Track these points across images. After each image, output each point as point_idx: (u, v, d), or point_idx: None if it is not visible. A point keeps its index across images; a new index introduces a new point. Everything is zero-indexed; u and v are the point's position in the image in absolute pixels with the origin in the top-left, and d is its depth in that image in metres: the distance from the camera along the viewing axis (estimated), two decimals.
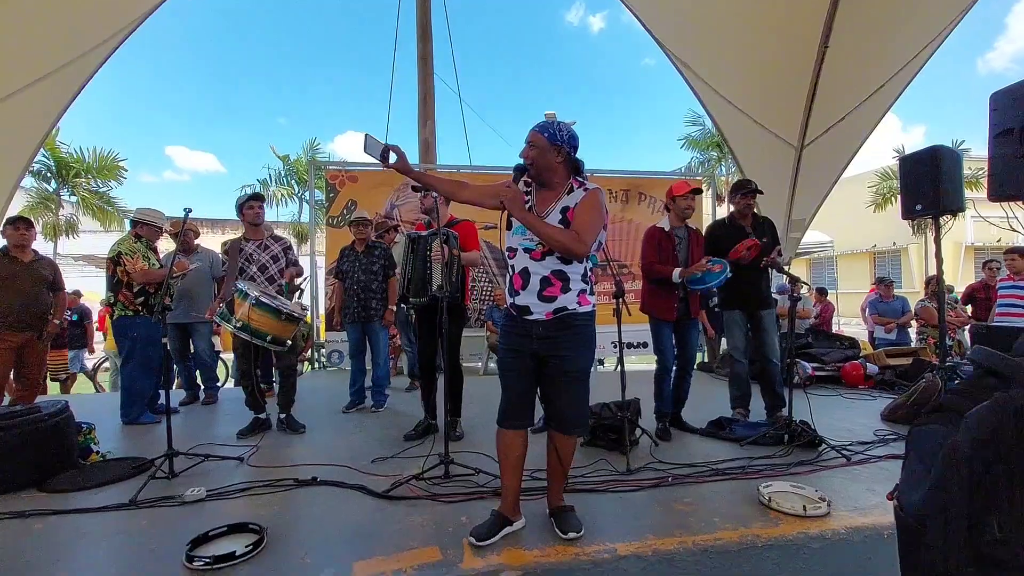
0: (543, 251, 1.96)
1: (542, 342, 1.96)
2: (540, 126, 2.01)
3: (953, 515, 0.67)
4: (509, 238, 2.05)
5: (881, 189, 15.00)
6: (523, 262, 1.99)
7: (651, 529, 2.05)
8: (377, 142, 2.03)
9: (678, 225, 3.47)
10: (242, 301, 3.20)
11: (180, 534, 2.00)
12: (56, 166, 12.42)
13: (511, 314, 2.05)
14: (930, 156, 3.50)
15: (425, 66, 8.03)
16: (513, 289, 2.02)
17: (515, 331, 2.02)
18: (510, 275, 2.04)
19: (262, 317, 3.17)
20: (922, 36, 5.34)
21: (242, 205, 3.74)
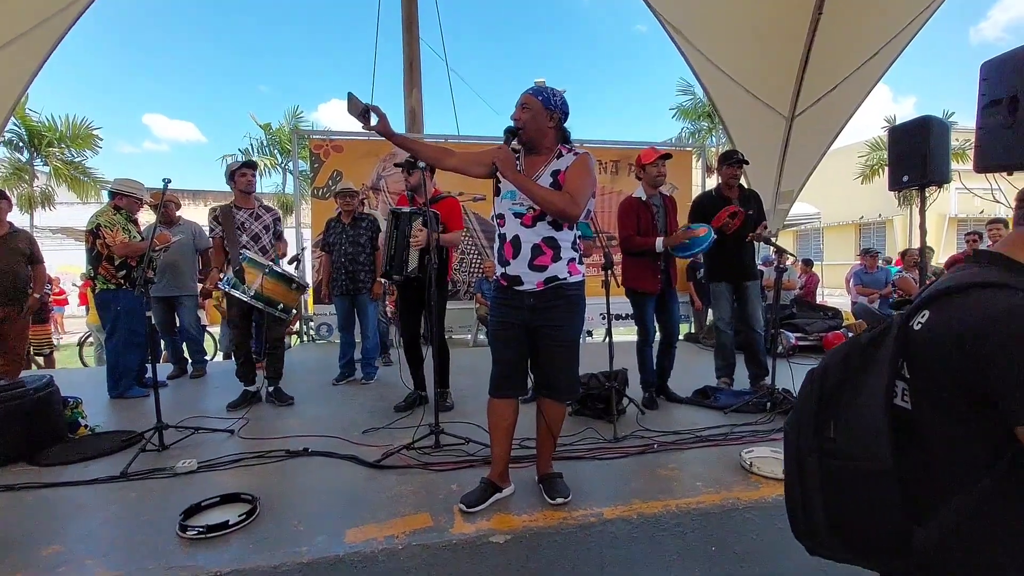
0: (534, 216, 1.94)
1: (534, 313, 1.97)
2: (534, 90, 1.98)
3: (803, 422, 0.89)
4: (498, 204, 2.02)
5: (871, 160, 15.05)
6: (514, 229, 1.96)
7: (636, 494, 2.11)
8: (359, 102, 1.95)
9: (652, 193, 3.41)
10: (253, 270, 3.19)
11: (173, 505, 2.02)
12: (28, 135, 11.98)
13: (501, 285, 2.04)
14: (919, 126, 3.47)
15: (411, 30, 7.77)
16: (503, 258, 2.00)
17: (506, 302, 2.02)
18: (500, 244, 2.02)
19: (275, 286, 3.24)
20: (916, 3, 5.26)
21: (234, 172, 3.67)
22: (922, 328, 0.79)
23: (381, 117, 1.97)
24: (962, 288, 0.78)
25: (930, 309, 0.79)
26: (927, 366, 0.78)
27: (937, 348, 0.76)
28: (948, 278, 0.84)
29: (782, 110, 6.25)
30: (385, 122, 1.98)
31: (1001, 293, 0.73)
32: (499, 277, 2.05)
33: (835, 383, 0.88)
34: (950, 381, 0.74)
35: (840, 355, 0.90)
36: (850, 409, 0.84)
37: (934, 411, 0.77)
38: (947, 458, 0.76)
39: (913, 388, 0.80)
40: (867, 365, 0.84)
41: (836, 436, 0.84)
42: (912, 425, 0.79)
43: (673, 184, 7.28)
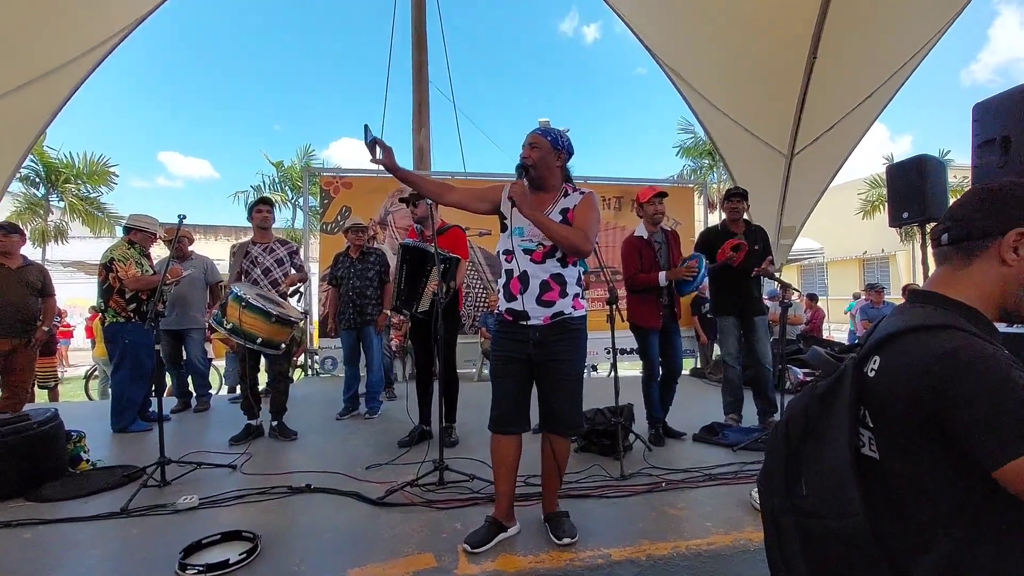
0: (544, 252, 1.98)
1: (539, 347, 1.98)
2: (543, 130, 2.06)
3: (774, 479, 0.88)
4: (504, 240, 2.05)
5: (870, 196, 15.22)
6: (523, 264, 1.98)
7: (645, 534, 2.06)
8: (370, 133, 1.99)
9: (653, 230, 3.47)
10: (234, 303, 3.20)
11: (173, 542, 1.98)
12: (45, 171, 12.32)
13: (505, 320, 2.05)
14: (916, 165, 3.56)
15: (420, 74, 8.07)
16: (510, 293, 2.01)
17: (510, 336, 2.03)
18: (506, 279, 2.04)
19: (252, 319, 3.18)
20: (908, 47, 5.46)
21: (251, 209, 3.80)
22: (876, 375, 0.78)
23: (387, 151, 1.97)
24: (905, 332, 0.77)
25: (880, 355, 0.79)
26: (886, 414, 0.76)
27: (891, 396, 0.75)
28: (892, 320, 0.83)
29: (781, 148, 6.40)
30: (390, 156, 1.98)
31: (942, 335, 0.73)
32: (503, 312, 2.05)
33: (799, 436, 0.86)
34: (910, 428, 0.73)
35: (801, 406, 0.88)
36: (816, 463, 0.82)
37: (900, 460, 0.75)
38: (920, 508, 0.73)
39: (878, 437, 0.78)
40: (826, 415, 0.82)
41: (808, 493, 0.82)
42: (882, 475, 0.77)
43: (676, 220, 7.38)
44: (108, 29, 5.44)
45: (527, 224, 1.97)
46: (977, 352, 0.69)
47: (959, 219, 0.84)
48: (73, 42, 5.23)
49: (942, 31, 5.33)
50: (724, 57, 6.22)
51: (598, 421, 3.12)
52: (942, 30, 5.31)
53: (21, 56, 4.92)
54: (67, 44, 5.20)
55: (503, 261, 2.06)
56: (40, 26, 4.86)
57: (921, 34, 5.37)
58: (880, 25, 5.25)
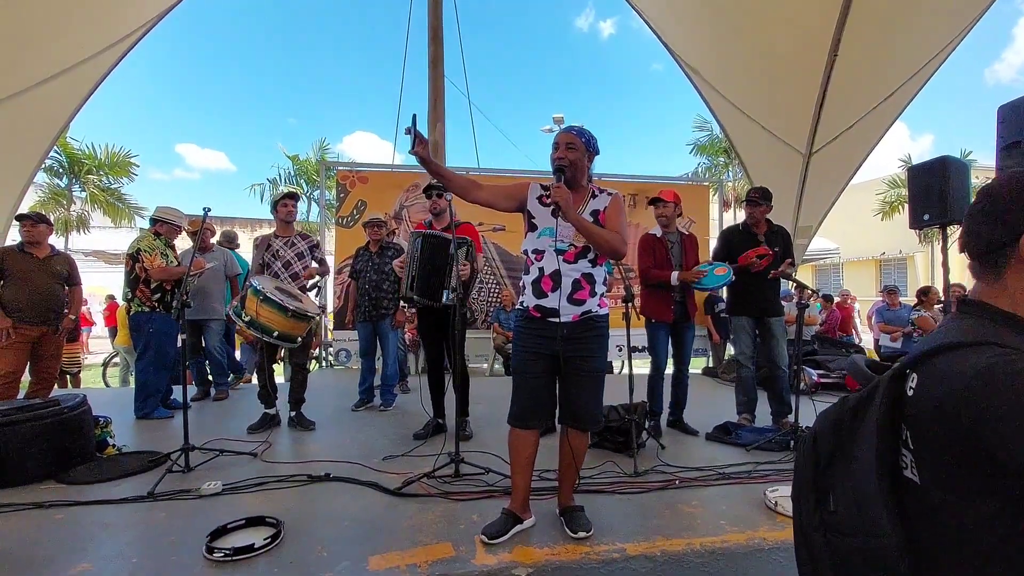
0: (576, 252, 2.02)
1: (567, 343, 2.01)
2: (576, 130, 2.08)
3: (804, 494, 0.86)
4: (534, 240, 2.07)
5: (889, 197, 14.97)
6: (554, 264, 2.01)
7: (659, 530, 2.09)
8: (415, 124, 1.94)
9: (669, 231, 3.61)
10: (253, 297, 3.27)
11: (198, 526, 2.05)
12: (68, 162, 12.55)
13: (532, 316, 2.05)
14: (939, 166, 3.51)
15: (436, 69, 8.08)
16: (541, 291, 2.02)
17: (537, 332, 2.05)
18: (535, 277, 2.05)
19: (269, 313, 3.25)
20: (931, 46, 5.35)
21: (276, 202, 3.86)
22: (914, 394, 0.74)
23: (423, 143, 1.93)
24: (942, 349, 0.73)
25: (918, 373, 0.75)
26: (925, 437, 0.73)
27: (928, 418, 0.71)
28: (934, 335, 0.80)
29: (799, 147, 6.33)
30: (425, 148, 1.94)
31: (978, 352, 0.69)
32: (531, 308, 2.06)
33: (828, 451, 0.84)
34: (948, 455, 0.69)
35: (830, 420, 0.86)
36: (847, 480, 0.80)
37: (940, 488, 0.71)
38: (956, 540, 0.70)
39: (917, 460, 0.74)
40: (856, 431, 0.80)
41: (836, 509, 0.81)
42: (922, 501, 0.73)
43: (691, 218, 7.34)
44: (131, 23, 5.53)
45: (557, 224, 1.99)
46: (1014, 368, 0.65)
47: (971, 232, 0.81)
48: (98, 36, 5.33)
49: (966, 30, 5.21)
50: (743, 54, 6.15)
51: (612, 418, 3.14)
52: (966, 29, 5.20)
53: (48, 50, 5.02)
54: (92, 38, 5.30)
55: (532, 259, 2.07)
56: (66, 21, 4.95)
57: (944, 33, 5.27)
58: (903, 24, 5.16)
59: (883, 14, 5.06)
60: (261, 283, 3.33)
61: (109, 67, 5.71)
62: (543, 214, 2.04)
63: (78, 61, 5.30)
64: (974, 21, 5.10)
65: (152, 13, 5.65)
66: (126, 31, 5.55)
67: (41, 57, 5.02)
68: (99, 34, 5.35)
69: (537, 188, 2.12)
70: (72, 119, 6.12)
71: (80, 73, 5.43)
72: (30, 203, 11.46)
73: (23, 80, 4.96)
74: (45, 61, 5.05)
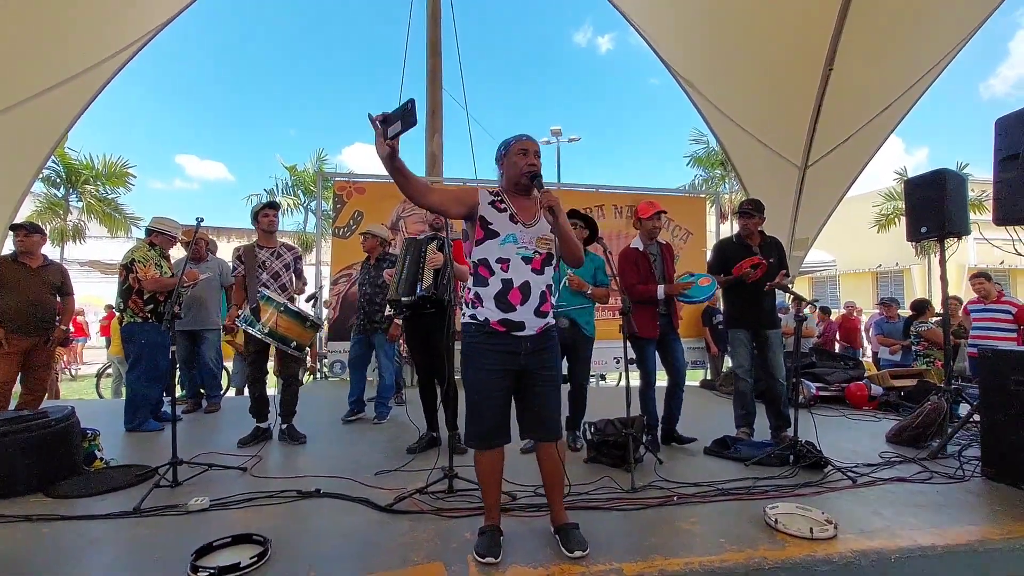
0: (541, 260, 2.00)
1: (530, 357, 1.98)
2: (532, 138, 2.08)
3: None
4: (495, 248, 1.97)
5: (885, 210, 15.05)
6: (524, 275, 1.96)
7: (657, 549, 2.03)
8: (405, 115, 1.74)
9: (649, 243, 3.58)
10: (268, 307, 3.27)
11: (184, 543, 1.99)
12: (66, 172, 12.55)
13: (496, 331, 1.95)
14: (936, 179, 3.52)
15: (434, 81, 8.14)
16: (507, 304, 1.95)
17: (500, 348, 1.96)
18: (499, 289, 1.96)
19: (289, 323, 3.30)
20: (926, 60, 5.40)
21: (257, 212, 3.80)
22: None
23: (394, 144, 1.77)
24: None
25: None
26: None
27: None
28: None
29: (795, 160, 6.36)
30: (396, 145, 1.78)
31: None
32: (493, 322, 1.95)
33: None
34: None
35: None
36: None
37: None
38: None
39: None
40: None
41: None
42: None
43: (688, 230, 7.35)
44: (131, 34, 5.55)
45: (519, 230, 1.98)
46: None
47: None
48: (97, 47, 5.35)
49: (961, 44, 5.27)
50: (739, 68, 6.20)
51: (609, 432, 3.10)
52: (961, 43, 5.26)
53: (47, 61, 5.03)
54: (91, 49, 5.31)
55: (497, 270, 1.97)
56: (65, 31, 4.97)
57: (939, 47, 5.32)
58: (898, 38, 5.21)
59: (878, 28, 5.11)
60: (272, 294, 3.38)
61: (108, 78, 5.71)
62: (502, 220, 1.99)
63: (77, 72, 5.30)
64: (969, 35, 5.16)
65: (152, 24, 5.67)
66: (126, 42, 5.56)
67: (40, 68, 5.02)
68: (99, 45, 5.36)
69: (487, 194, 2.06)
70: (70, 129, 6.13)
71: (79, 84, 5.43)
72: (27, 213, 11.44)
73: (22, 91, 4.96)
74: (44, 72, 5.06)
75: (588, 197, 7.08)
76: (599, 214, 6.95)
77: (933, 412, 3.54)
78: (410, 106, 1.72)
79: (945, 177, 3.50)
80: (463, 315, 2.06)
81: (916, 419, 3.60)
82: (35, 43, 4.85)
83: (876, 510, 2.44)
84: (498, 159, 2.13)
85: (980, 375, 3.10)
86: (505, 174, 2.09)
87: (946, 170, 3.56)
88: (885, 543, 2.08)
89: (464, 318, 2.03)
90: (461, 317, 2.07)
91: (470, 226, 2.05)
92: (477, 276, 2.02)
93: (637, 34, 6.64)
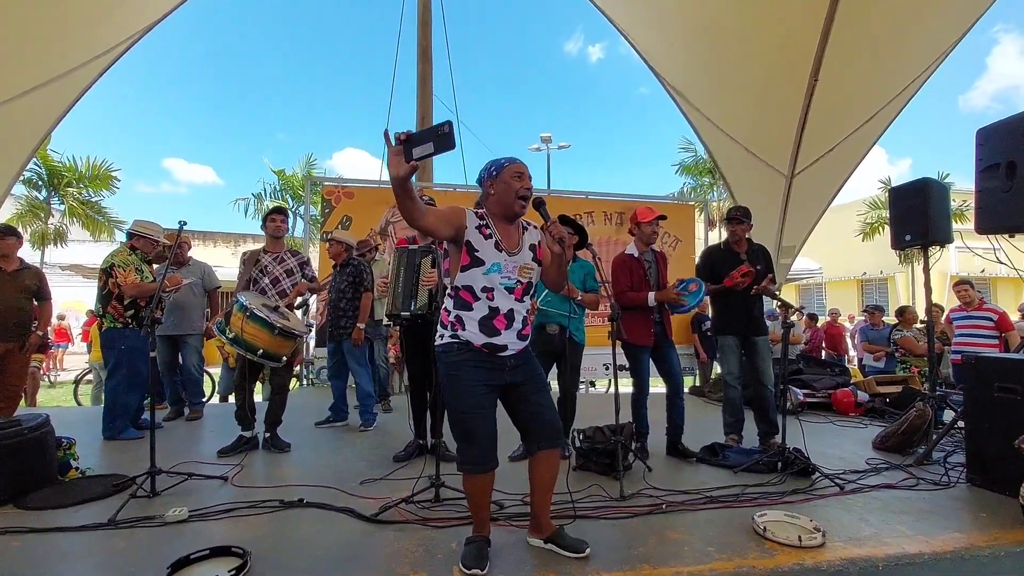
0: (522, 290, 1.99)
1: (514, 371, 1.98)
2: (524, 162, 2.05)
3: None
4: (479, 277, 1.93)
5: (870, 218, 15.29)
6: (507, 303, 1.95)
7: (646, 559, 2.01)
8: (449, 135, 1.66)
9: (644, 250, 3.54)
10: (239, 313, 3.18)
11: (161, 556, 1.93)
12: (48, 174, 12.32)
13: (481, 353, 1.93)
14: (919, 188, 3.57)
15: (424, 87, 8.14)
16: (492, 329, 1.93)
17: (485, 366, 1.93)
18: (484, 314, 1.93)
19: (255, 330, 3.16)
20: (908, 72, 5.52)
21: (264, 217, 3.81)
22: None
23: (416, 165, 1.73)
24: None
25: None
26: None
27: None
28: None
29: (782, 168, 6.44)
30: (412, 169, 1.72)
31: None
32: (478, 345, 1.92)
33: None
34: None
35: None
36: None
37: None
38: None
39: None
40: None
41: None
42: None
43: (677, 237, 7.39)
44: (116, 36, 5.48)
45: (503, 259, 1.95)
46: None
47: None
48: (81, 48, 5.26)
49: (941, 58, 5.39)
50: (727, 79, 6.28)
51: (597, 439, 3.08)
52: (941, 57, 5.38)
53: (30, 61, 4.94)
54: (75, 50, 5.23)
55: (483, 297, 1.93)
56: (49, 32, 4.89)
57: (921, 60, 5.44)
58: (881, 50, 5.32)
59: (862, 40, 5.21)
60: (248, 299, 3.26)
61: (92, 80, 5.63)
62: (487, 248, 1.95)
63: (61, 73, 5.21)
64: (950, 48, 5.28)
65: (139, 26, 5.60)
66: (112, 43, 5.48)
67: (22, 68, 4.93)
68: (84, 45, 5.28)
69: (474, 217, 1.99)
70: (51, 131, 6.02)
71: (62, 85, 5.34)
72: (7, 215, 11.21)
73: (3, 91, 4.86)
74: (26, 72, 4.96)
75: (578, 203, 7.11)
76: (588, 220, 6.97)
77: (918, 419, 3.57)
78: (447, 128, 1.60)
79: (928, 186, 3.55)
80: (440, 337, 1.97)
81: (902, 426, 3.62)
82: (17, 43, 4.76)
83: (863, 517, 2.44)
84: (485, 179, 2.03)
85: (964, 382, 3.13)
86: (495, 197, 2.00)
87: (929, 179, 3.61)
88: (873, 551, 2.07)
89: (443, 339, 1.95)
90: (437, 339, 1.98)
91: (454, 249, 1.98)
92: (459, 299, 1.96)
93: (627, 44, 6.70)
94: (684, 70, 6.61)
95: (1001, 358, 3.00)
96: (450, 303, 1.99)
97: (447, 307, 1.99)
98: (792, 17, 5.27)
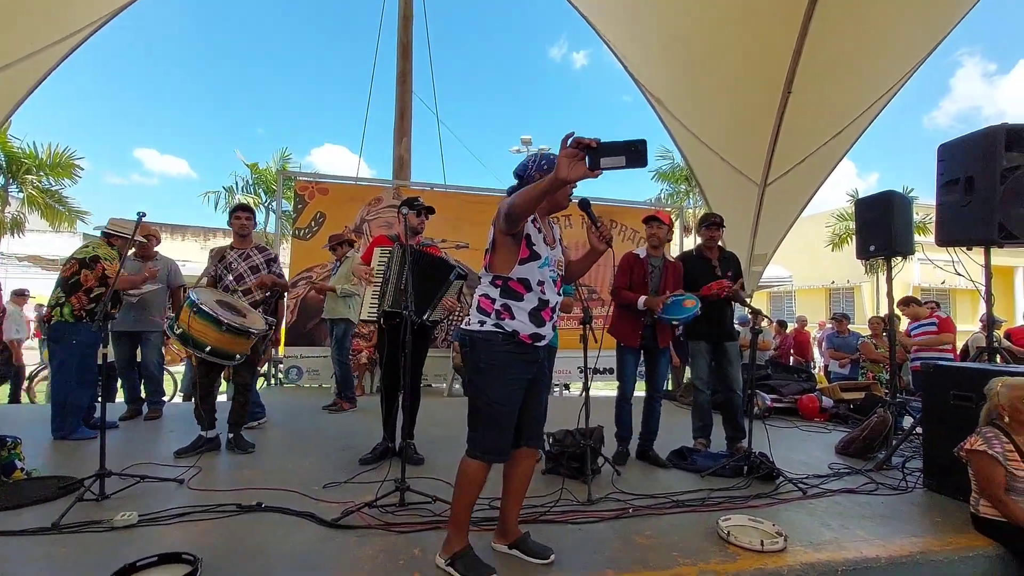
0: (561, 282, 2.05)
1: (541, 364, 2.02)
2: None
3: None
4: (535, 270, 1.92)
5: (838, 229, 15.72)
6: (553, 296, 2.00)
7: (611, 563, 2.00)
8: (624, 151, 1.56)
9: (654, 254, 3.54)
10: (187, 308, 3.05)
11: (106, 563, 1.83)
12: (6, 160, 11.77)
13: (523, 342, 1.90)
14: (884, 200, 3.67)
15: (404, 84, 8.06)
16: (540, 319, 1.93)
17: (526, 359, 1.93)
18: (535, 305, 1.92)
19: (202, 326, 3.00)
20: (875, 89, 5.70)
21: (230, 215, 3.70)
22: None
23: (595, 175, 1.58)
24: None
25: None
26: None
27: None
28: None
29: (755, 178, 6.56)
30: (589, 176, 1.58)
31: None
32: (525, 335, 1.90)
33: None
34: None
35: None
36: None
37: None
38: None
39: None
40: None
41: None
42: None
43: None
44: (82, 19, 5.25)
45: (549, 253, 1.97)
46: None
47: None
48: (44, 30, 5.04)
49: (907, 77, 5.59)
50: (704, 88, 6.37)
51: (567, 443, 3.06)
52: (907, 76, 5.58)
53: None
54: (38, 32, 5.00)
55: (536, 289, 1.92)
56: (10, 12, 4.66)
57: (889, 77, 5.62)
58: (853, 65, 5.47)
59: (833, 57, 5.35)
60: (199, 294, 3.11)
61: (55, 63, 5.39)
62: (540, 242, 1.94)
63: (21, 56, 4.98)
64: (914, 68, 5.46)
65: (105, 10, 5.38)
66: (77, 26, 5.26)
67: None
68: (46, 28, 5.05)
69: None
70: (12, 115, 5.74)
71: (23, 68, 5.10)
72: None
73: None
74: None
75: None
76: (567, 223, 6.99)
77: (880, 425, 3.66)
78: (641, 147, 1.55)
79: (892, 199, 3.66)
80: (481, 323, 1.90)
81: (863, 431, 3.71)
82: None
83: (824, 521, 2.48)
84: (534, 172, 1.92)
85: (922, 389, 3.22)
86: None
87: (893, 192, 3.72)
88: (832, 555, 2.11)
89: (484, 326, 1.89)
90: (476, 325, 1.91)
91: (511, 241, 1.91)
92: (507, 288, 1.91)
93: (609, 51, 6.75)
94: (663, 78, 6.69)
95: (958, 367, 3.09)
96: (495, 291, 1.93)
97: (488, 294, 1.94)
98: (766, 33, 5.39)
